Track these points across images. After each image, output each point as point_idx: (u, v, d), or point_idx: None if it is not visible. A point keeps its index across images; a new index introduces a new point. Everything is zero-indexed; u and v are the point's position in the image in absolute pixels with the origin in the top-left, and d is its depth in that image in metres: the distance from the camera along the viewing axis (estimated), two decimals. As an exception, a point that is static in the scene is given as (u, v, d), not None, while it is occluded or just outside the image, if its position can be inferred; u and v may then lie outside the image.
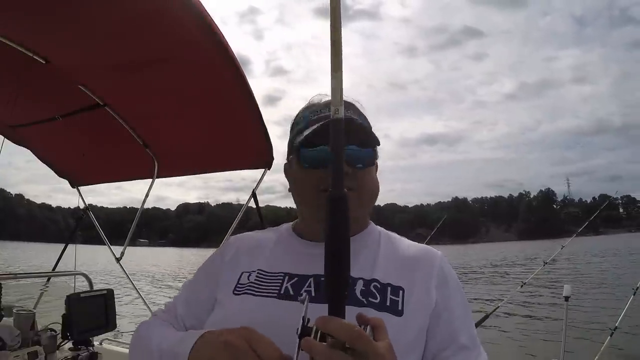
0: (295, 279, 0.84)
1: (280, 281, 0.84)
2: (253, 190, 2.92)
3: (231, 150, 2.77)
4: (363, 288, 0.80)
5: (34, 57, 2.17)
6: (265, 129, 2.44)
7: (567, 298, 3.32)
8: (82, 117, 2.69)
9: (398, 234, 1.00)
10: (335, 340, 0.55)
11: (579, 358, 5.13)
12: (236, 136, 2.56)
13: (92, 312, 2.49)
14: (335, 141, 0.62)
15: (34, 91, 2.48)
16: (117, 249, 3.44)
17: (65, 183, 3.51)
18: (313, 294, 0.80)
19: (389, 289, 0.81)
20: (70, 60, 2.24)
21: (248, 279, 0.87)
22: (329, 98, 0.87)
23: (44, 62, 2.21)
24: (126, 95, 2.52)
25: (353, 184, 0.83)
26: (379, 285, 0.81)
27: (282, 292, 0.82)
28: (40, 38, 2.08)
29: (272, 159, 2.68)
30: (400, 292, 0.81)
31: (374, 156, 0.89)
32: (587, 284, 16.41)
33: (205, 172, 3.21)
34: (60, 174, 3.47)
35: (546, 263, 4.60)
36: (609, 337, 3.47)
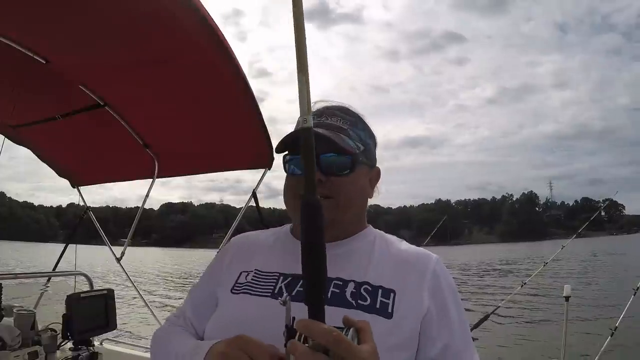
0: (289, 278, 0.87)
1: (275, 281, 0.88)
2: (253, 190, 2.92)
3: (231, 150, 2.77)
4: (354, 290, 0.82)
5: (34, 57, 2.17)
6: (266, 129, 2.44)
7: (567, 298, 3.32)
8: (82, 117, 2.69)
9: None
10: (316, 343, 0.56)
11: (579, 358, 5.13)
12: (236, 136, 2.56)
13: (92, 312, 2.49)
14: (305, 150, 0.61)
15: (34, 91, 2.48)
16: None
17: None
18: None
19: (380, 291, 0.82)
20: (70, 60, 2.24)
21: (246, 279, 0.91)
22: (324, 104, 0.96)
23: (44, 62, 2.20)
24: (126, 95, 2.52)
25: (328, 191, 0.86)
26: (370, 288, 0.82)
27: (276, 291, 0.86)
28: (40, 38, 2.08)
29: (273, 159, 2.67)
30: (392, 294, 0.82)
31: (352, 163, 0.89)
32: (585, 284, 16.40)
33: (206, 172, 3.21)
34: (61, 173, 3.47)
35: (546, 263, 4.61)
36: (609, 337, 3.47)
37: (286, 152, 0.92)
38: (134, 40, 1.94)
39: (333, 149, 0.86)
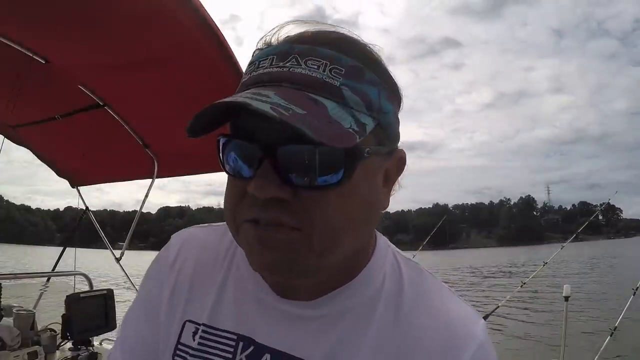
0: (251, 348, 0.55)
1: (233, 350, 0.56)
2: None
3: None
4: None
5: (34, 57, 2.17)
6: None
7: (567, 298, 3.32)
8: (82, 117, 2.69)
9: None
10: None
11: (579, 358, 5.13)
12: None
13: (92, 312, 2.49)
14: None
15: (34, 91, 2.48)
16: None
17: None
18: None
19: None
20: (70, 60, 2.25)
21: (193, 339, 0.58)
22: (298, 28, 0.52)
23: (44, 62, 2.21)
24: (126, 95, 2.52)
25: (293, 218, 0.45)
26: None
27: None
28: (40, 38, 2.08)
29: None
30: None
31: (345, 161, 0.44)
32: (585, 284, 16.42)
33: (205, 172, 3.21)
34: (60, 173, 3.47)
35: (545, 263, 4.61)
36: (609, 337, 3.47)
37: (220, 135, 0.50)
38: (134, 40, 1.95)
39: (302, 138, 0.40)
